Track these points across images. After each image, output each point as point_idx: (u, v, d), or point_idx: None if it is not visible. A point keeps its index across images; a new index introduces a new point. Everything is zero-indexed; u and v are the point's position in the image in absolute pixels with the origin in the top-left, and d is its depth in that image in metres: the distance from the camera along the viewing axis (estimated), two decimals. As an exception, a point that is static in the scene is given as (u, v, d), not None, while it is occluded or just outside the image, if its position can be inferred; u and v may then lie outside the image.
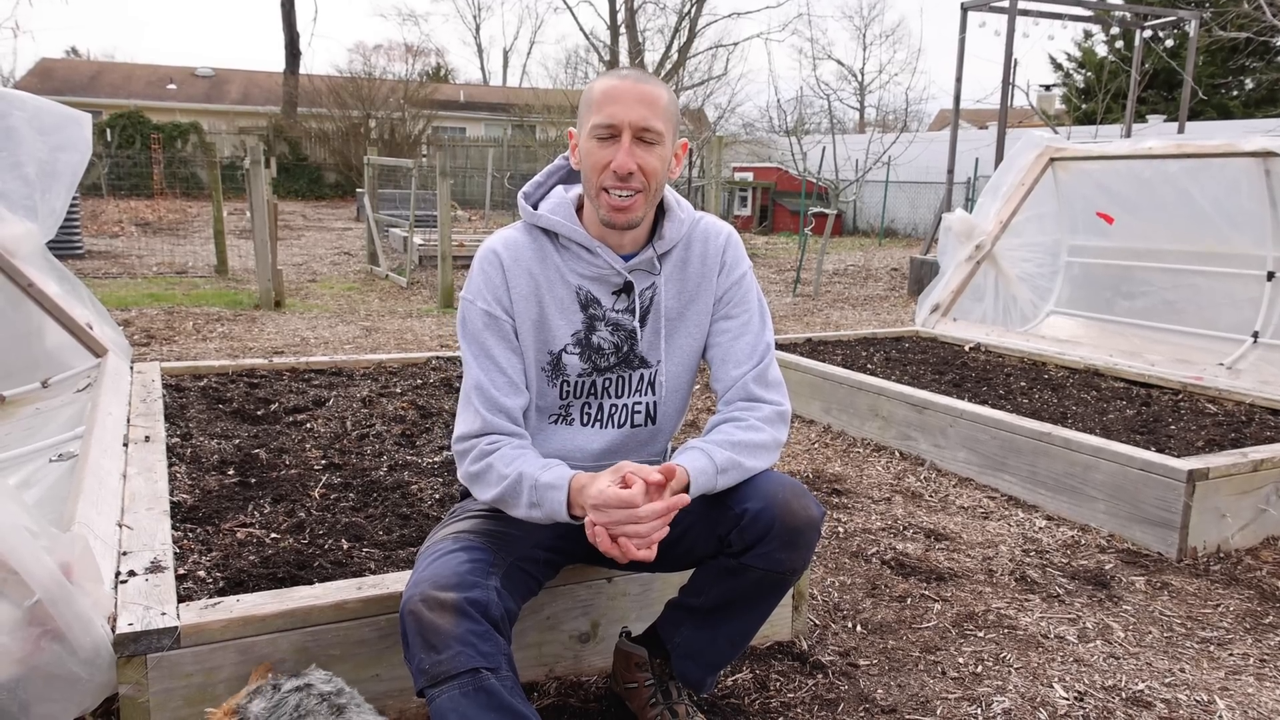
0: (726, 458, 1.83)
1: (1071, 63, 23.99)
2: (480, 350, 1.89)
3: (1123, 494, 3.36)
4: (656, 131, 1.79)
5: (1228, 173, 5.47)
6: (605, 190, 1.81)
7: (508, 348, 1.90)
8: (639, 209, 1.83)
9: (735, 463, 1.84)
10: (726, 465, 1.83)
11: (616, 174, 1.78)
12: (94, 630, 1.75)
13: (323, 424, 3.71)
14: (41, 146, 3.90)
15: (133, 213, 17.89)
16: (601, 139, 1.79)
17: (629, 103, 1.77)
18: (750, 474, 1.87)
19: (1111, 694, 2.34)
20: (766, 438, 1.91)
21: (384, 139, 28.92)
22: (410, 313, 8.52)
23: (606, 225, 1.86)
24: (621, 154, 1.77)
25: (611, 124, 1.77)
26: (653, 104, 1.78)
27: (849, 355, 5.56)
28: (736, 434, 1.88)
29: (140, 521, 2.40)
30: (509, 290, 1.90)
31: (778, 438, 1.94)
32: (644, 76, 1.83)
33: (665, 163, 1.83)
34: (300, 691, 1.63)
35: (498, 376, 1.88)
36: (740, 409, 1.94)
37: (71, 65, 37.62)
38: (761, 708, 2.23)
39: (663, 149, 1.81)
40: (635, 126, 1.77)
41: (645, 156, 1.79)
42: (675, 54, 32.75)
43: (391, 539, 2.59)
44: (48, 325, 4.05)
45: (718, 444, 1.85)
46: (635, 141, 1.78)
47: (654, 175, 1.81)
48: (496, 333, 1.89)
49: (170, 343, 6.64)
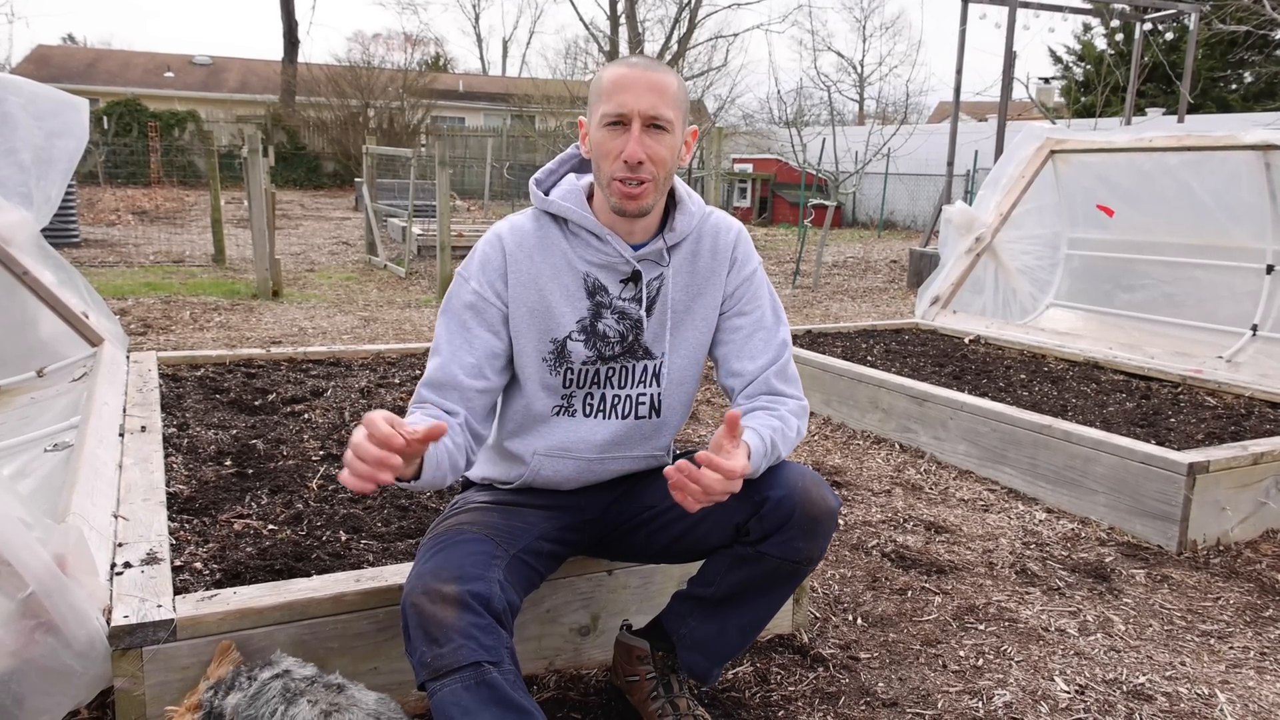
0: (773, 441, 1.83)
1: (1071, 56, 23.92)
2: (457, 326, 1.89)
3: (1123, 487, 3.35)
4: (666, 119, 1.77)
5: (1228, 166, 5.46)
6: (616, 179, 1.80)
7: (485, 329, 1.89)
8: (649, 197, 1.83)
9: (776, 449, 1.84)
10: (771, 449, 1.82)
11: (626, 163, 1.77)
12: (89, 623, 1.73)
13: (320, 415, 3.70)
14: (37, 132, 3.86)
15: (130, 201, 17.84)
16: (611, 127, 1.78)
17: (639, 91, 1.76)
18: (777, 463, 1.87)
19: (1112, 687, 2.33)
20: (794, 431, 1.92)
21: (383, 128, 28.84)
22: (409, 303, 8.49)
23: (617, 213, 1.85)
24: (631, 143, 1.76)
25: (621, 113, 1.76)
26: (662, 92, 1.77)
27: (849, 347, 5.54)
28: (774, 422, 1.87)
29: (136, 512, 2.38)
30: (507, 276, 1.89)
31: (801, 431, 1.96)
32: (654, 64, 1.81)
33: (675, 151, 1.83)
34: (281, 678, 1.60)
35: (463, 355, 1.87)
36: (767, 401, 1.94)
37: (68, 52, 37.47)
38: (762, 701, 2.22)
39: (672, 137, 1.80)
40: (645, 115, 1.76)
41: (654, 145, 1.78)
42: (675, 45, 32.70)
43: (390, 531, 2.58)
44: (43, 314, 4.03)
45: (766, 427, 1.84)
46: (645, 130, 1.77)
47: (663, 164, 1.80)
48: (477, 315, 1.89)
49: (167, 332, 6.61)
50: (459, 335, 1.89)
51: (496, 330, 1.90)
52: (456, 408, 1.86)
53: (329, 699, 1.56)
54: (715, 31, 59.49)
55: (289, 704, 1.56)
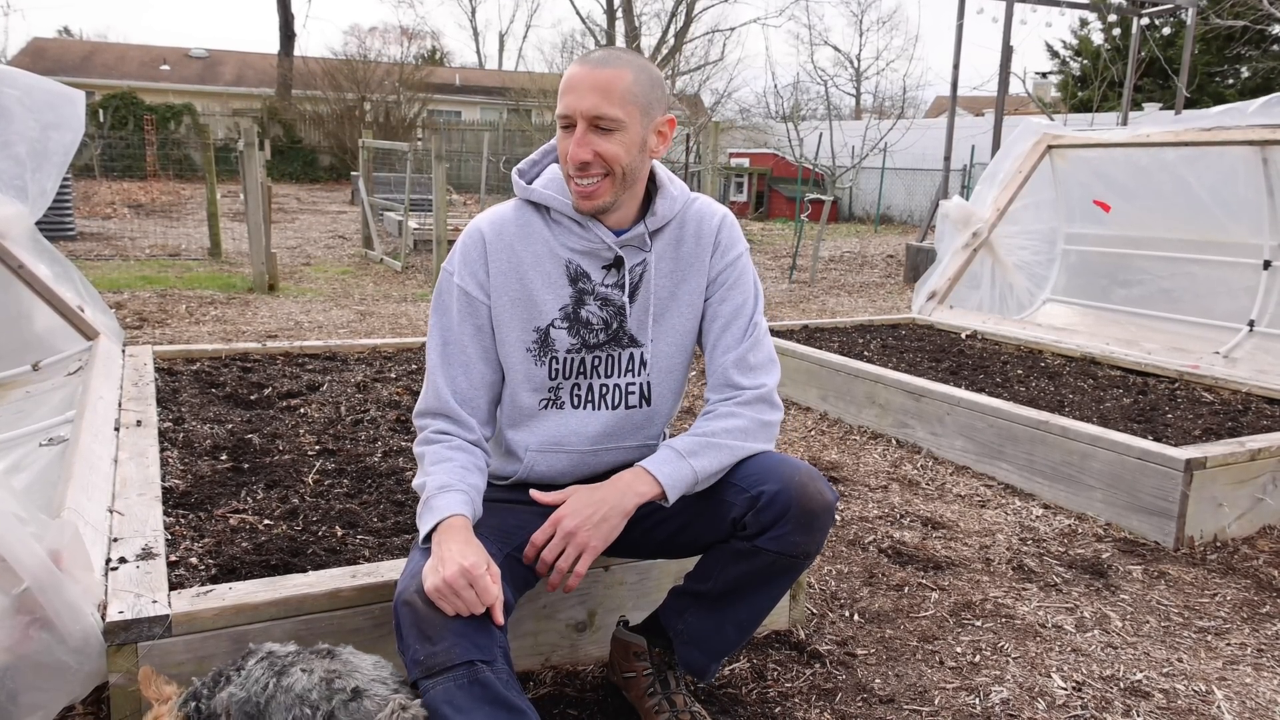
0: (693, 443, 1.86)
1: (1068, 50, 23.90)
2: (449, 325, 1.91)
3: (1120, 483, 3.35)
4: (610, 118, 1.77)
5: (1225, 161, 5.45)
6: (570, 177, 1.84)
7: (475, 327, 1.91)
8: (605, 194, 1.84)
9: (714, 444, 1.86)
10: (695, 449, 1.85)
11: (573, 163, 1.80)
12: (84, 618, 1.72)
13: (316, 409, 3.69)
14: (33, 125, 3.85)
15: (125, 194, 17.79)
16: (563, 128, 1.82)
17: (582, 91, 1.77)
18: (736, 458, 1.87)
19: (1110, 684, 2.33)
20: (743, 422, 1.90)
21: (379, 122, 28.75)
22: (405, 297, 8.48)
23: (576, 210, 1.87)
24: (574, 145, 1.78)
25: (566, 114, 1.79)
26: (607, 90, 1.76)
27: (845, 342, 5.54)
28: (706, 425, 1.90)
29: (131, 507, 2.37)
30: (488, 267, 1.90)
31: (760, 418, 1.92)
32: (607, 59, 1.80)
33: (632, 145, 1.81)
34: (265, 658, 1.58)
35: (455, 353, 1.91)
36: (717, 401, 1.95)
37: (64, 45, 37.33)
38: (759, 697, 2.21)
39: (624, 134, 1.79)
40: (588, 116, 1.77)
41: (602, 143, 1.78)
42: (672, 39, 32.65)
43: (386, 526, 2.57)
44: (38, 308, 4.02)
45: (691, 436, 1.88)
46: (591, 130, 1.78)
47: (616, 160, 1.80)
48: (469, 312, 1.91)
49: (163, 326, 6.59)
50: (453, 336, 1.91)
51: (482, 326, 1.92)
52: (469, 419, 1.91)
53: (325, 666, 1.53)
54: (712, 25, 59.35)
55: (279, 675, 1.53)
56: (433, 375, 1.92)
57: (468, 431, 1.90)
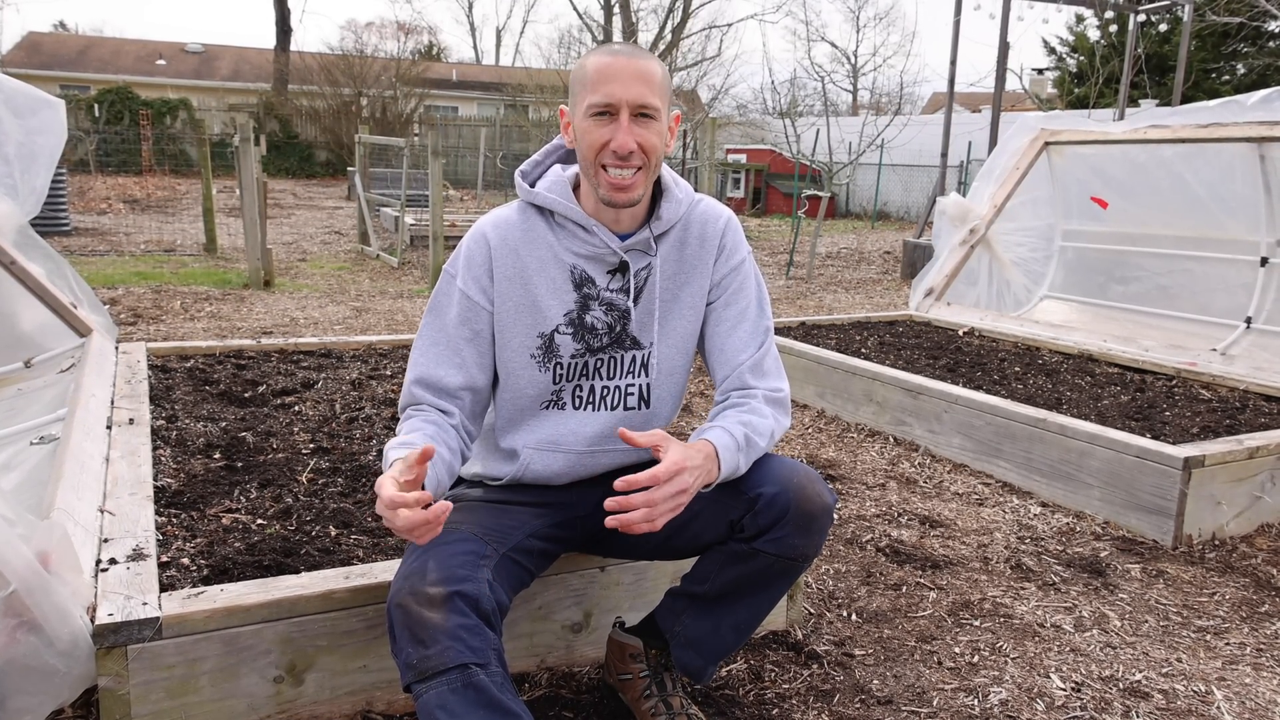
0: (745, 435, 1.81)
1: (1065, 47, 23.88)
2: (444, 326, 1.89)
3: (1118, 481, 3.34)
4: (654, 108, 1.75)
5: (1222, 158, 5.44)
6: (605, 168, 1.78)
7: (473, 331, 1.89)
8: (640, 187, 1.81)
9: (752, 441, 1.82)
10: (745, 443, 1.80)
11: (617, 153, 1.75)
12: (72, 621, 1.70)
13: (311, 407, 3.66)
14: (18, 128, 3.83)
15: (121, 189, 17.75)
16: (599, 117, 1.76)
17: (626, 80, 1.73)
18: (758, 456, 1.85)
19: (1109, 684, 2.32)
20: (770, 419, 1.89)
21: (375, 117, 28.69)
22: (401, 293, 8.45)
23: (606, 204, 1.83)
24: (621, 133, 1.74)
25: (609, 103, 1.74)
26: (649, 80, 1.75)
27: (843, 339, 5.52)
28: (744, 416, 1.86)
29: (123, 507, 2.35)
30: (492, 272, 1.87)
31: (781, 419, 1.93)
32: (637, 51, 1.79)
33: (663, 138, 1.81)
34: None
35: (446, 352, 1.88)
36: (739, 396, 1.93)
37: (59, 39, 37.19)
38: (756, 698, 2.20)
39: (660, 125, 1.78)
40: (633, 105, 1.74)
41: (644, 134, 1.76)
42: (669, 34, 32.59)
43: (380, 525, 2.55)
44: (31, 304, 3.99)
45: (736, 423, 1.83)
46: (634, 119, 1.75)
47: (654, 152, 1.78)
48: (468, 316, 1.88)
49: (157, 322, 6.56)
50: (443, 341, 1.89)
51: (481, 331, 1.89)
52: (451, 407, 1.87)
53: None
54: (709, 21, 59.29)
55: None
56: (411, 369, 1.89)
57: (449, 417, 1.87)
